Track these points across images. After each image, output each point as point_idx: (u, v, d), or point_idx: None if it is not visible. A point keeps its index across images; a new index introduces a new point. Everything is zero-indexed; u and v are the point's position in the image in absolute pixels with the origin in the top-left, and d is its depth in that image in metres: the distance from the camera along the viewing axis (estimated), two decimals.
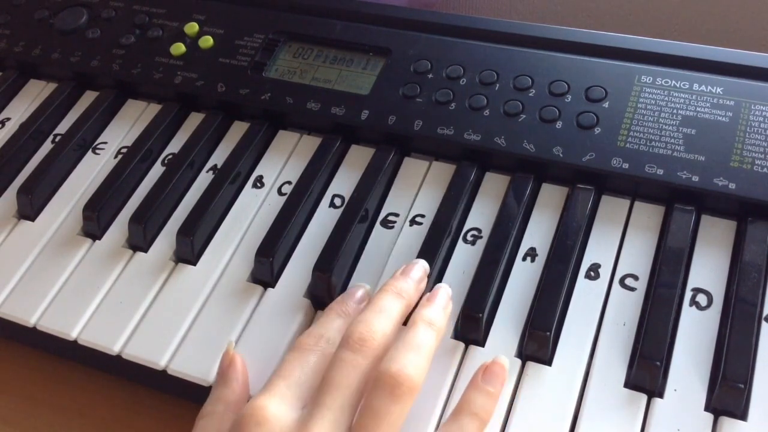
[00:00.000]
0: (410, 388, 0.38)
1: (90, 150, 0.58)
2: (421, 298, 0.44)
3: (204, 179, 0.55)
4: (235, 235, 0.51)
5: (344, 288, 0.47)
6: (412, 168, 0.53)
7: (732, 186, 0.46)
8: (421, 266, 0.45)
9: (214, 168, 0.55)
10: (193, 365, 0.45)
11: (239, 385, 0.43)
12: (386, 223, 0.50)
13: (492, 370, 0.41)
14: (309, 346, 0.41)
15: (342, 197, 0.52)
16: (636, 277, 0.45)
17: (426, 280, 0.45)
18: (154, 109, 0.60)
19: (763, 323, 0.42)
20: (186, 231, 0.50)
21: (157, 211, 0.52)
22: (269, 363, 0.44)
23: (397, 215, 0.51)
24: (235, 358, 0.44)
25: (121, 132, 0.59)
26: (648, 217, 0.48)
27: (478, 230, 0.49)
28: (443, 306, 0.43)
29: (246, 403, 0.40)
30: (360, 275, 0.48)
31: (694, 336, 0.43)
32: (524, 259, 0.47)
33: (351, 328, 0.40)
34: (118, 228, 0.53)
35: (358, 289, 0.46)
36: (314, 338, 0.42)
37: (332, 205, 0.52)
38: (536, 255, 0.47)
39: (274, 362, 0.44)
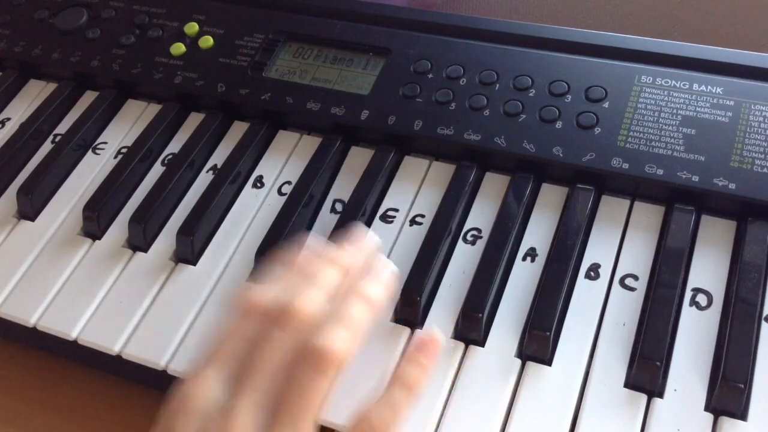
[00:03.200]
0: (336, 363, 0.37)
1: (90, 150, 0.58)
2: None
3: (204, 179, 0.55)
4: (235, 235, 0.51)
5: None
6: (412, 167, 0.53)
7: (732, 186, 0.46)
8: (370, 238, 0.43)
9: (214, 168, 0.55)
10: (194, 365, 0.45)
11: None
12: (385, 218, 0.50)
13: (425, 343, 0.41)
14: (243, 314, 0.39)
15: (342, 197, 0.52)
16: (636, 277, 0.45)
17: (376, 255, 0.43)
18: (154, 109, 0.60)
19: (763, 323, 0.42)
20: (186, 231, 0.50)
21: (157, 211, 0.52)
22: None
23: (396, 210, 0.51)
24: None
25: (121, 132, 0.59)
26: (648, 217, 0.48)
27: (478, 230, 0.49)
28: (384, 282, 0.41)
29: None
30: None
31: (694, 336, 0.43)
32: (524, 259, 0.47)
33: (277, 301, 0.38)
34: (118, 228, 0.53)
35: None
36: (251, 304, 0.39)
37: (332, 205, 0.52)
38: (536, 255, 0.47)
39: None
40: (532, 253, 0.47)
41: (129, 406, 0.50)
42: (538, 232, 0.48)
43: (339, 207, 0.52)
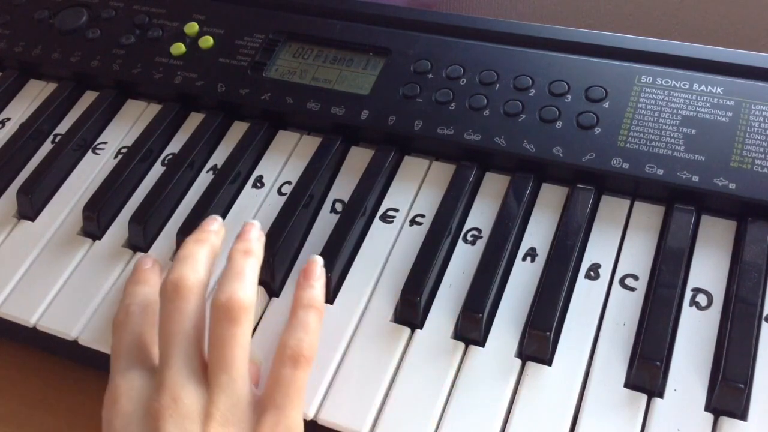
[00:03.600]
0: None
1: (90, 150, 0.58)
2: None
3: (204, 179, 0.55)
4: (235, 235, 0.51)
5: (341, 286, 0.47)
6: (412, 167, 0.53)
7: (732, 186, 0.46)
8: (216, 219, 0.47)
9: (214, 168, 0.55)
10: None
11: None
12: (385, 218, 0.50)
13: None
14: (173, 296, 0.42)
15: (342, 197, 0.52)
16: (636, 277, 0.45)
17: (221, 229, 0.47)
18: (154, 109, 0.60)
19: (763, 323, 0.42)
20: (186, 231, 0.50)
21: (157, 211, 0.52)
22: (267, 365, 0.44)
23: (396, 210, 0.51)
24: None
25: (121, 132, 0.59)
26: (648, 217, 0.48)
27: (478, 230, 0.49)
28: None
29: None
30: (358, 271, 0.48)
31: (694, 336, 0.43)
32: (524, 259, 0.47)
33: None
34: (118, 228, 0.53)
35: (211, 222, 0.47)
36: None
37: (332, 205, 0.52)
38: (536, 255, 0.47)
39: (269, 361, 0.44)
40: (532, 253, 0.47)
41: None
42: (538, 232, 0.48)
43: (339, 207, 0.52)
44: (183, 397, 0.38)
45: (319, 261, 0.46)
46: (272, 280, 0.48)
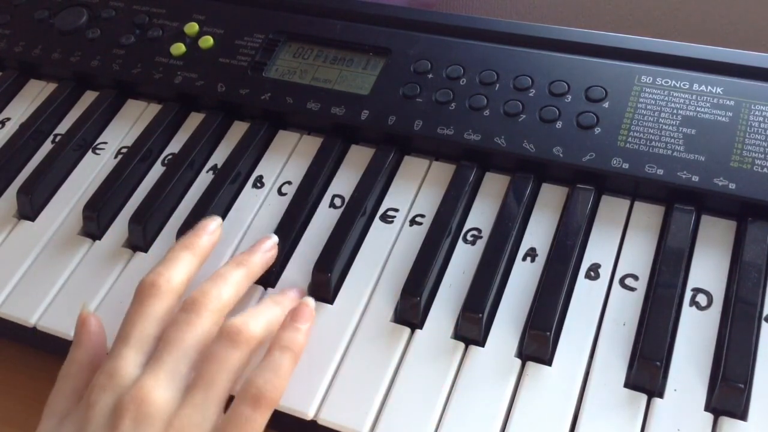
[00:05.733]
0: (249, 339, 0.41)
1: (90, 150, 0.58)
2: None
3: (204, 179, 0.55)
4: (235, 236, 0.51)
5: (341, 286, 0.48)
6: (412, 167, 0.53)
7: (732, 186, 0.46)
8: (272, 240, 0.48)
9: (214, 168, 0.55)
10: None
11: (92, 344, 0.44)
12: (385, 218, 0.50)
13: (299, 310, 0.44)
14: (149, 292, 0.43)
15: (342, 197, 0.52)
16: (636, 277, 0.45)
17: (274, 251, 0.48)
18: (154, 109, 0.60)
19: (763, 323, 0.42)
20: (186, 231, 0.50)
21: (157, 211, 0.52)
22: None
23: (396, 210, 0.51)
24: (87, 318, 0.45)
25: (121, 132, 0.59)
26: (648, 217, 0.48)
27: (478, 230, 0.49)
28: (292, 298, 0.46)
29: (101, 359, 0.43)
30: (358, 270, 0.48)
31: (694, 336, 0.43)
32: (524, 259, 0.47)
33: (191, 294, 0.43)
34: (118, 228, 0.53)
35: (209, 221, 0.48)
36: (155, 280, 0.44)
37: (332, 205, 0.52)
38: (536, 255, 0.47)
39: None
40: (532, 253, 0.47)
41: None
42: (538, 232, 0.48)
43: (338, 202, 0.52)
44: (153, 400, 0.39)
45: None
46: (267, 273, 0.48)
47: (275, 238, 0.48)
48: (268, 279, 0.48)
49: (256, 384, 0.40)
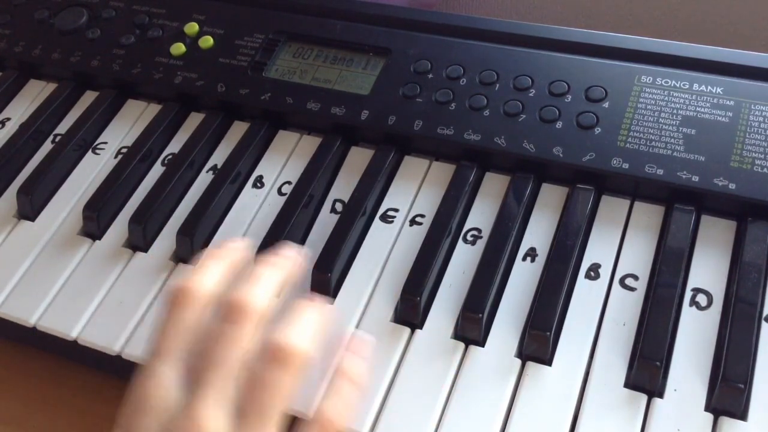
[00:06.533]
0: (301, 359, 0.37)
1: (90, 150, 0.58)
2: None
3: (204, 179, 0.55)
4: (235, 235, 0.51)
5: (341, 286, 0.48)
6: (412, 167, 0.53)
7: (732, 186, 0.46)
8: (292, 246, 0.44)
9: (214, 168, 0.55)
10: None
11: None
12: (385, 218, 0.50)
13: (360, 342, 0.41)
14: (185, 302, 0.38)
15: (341, 197, 0.52)
16: (636, 277, 0.45)
17: (304, 256, 0.43)
18: (154, 109, 0.60)
19: (763, 323, 0.42)
20: (186, 231, 0.50)
21: (157, 211, 0.52)
22: None
23: (396, 210, 0.51)
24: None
25: (121, 132, 0.59)
26: (648, 217, 0.48)
27: (478, 230, 0.49)
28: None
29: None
30: (358, 271, 0.48)
31: (694, 336, 0.43)
32: (524, 259, 0.47)
33: (226, 297, 0.38)
34: (118, 228, 0.53)
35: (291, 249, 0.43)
36: (190, 290, 0.39)
37: (332, 205, 0.52)
38: (536, 255, 0.47)
39: None
40: (532, 253, 0.47)
41: None
42: (538, 232, 0.48)
43: (339, 207, 0.52)
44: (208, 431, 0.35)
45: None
46: None
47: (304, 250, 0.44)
48: None
49: (329, 417, 0.38)
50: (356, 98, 0.54)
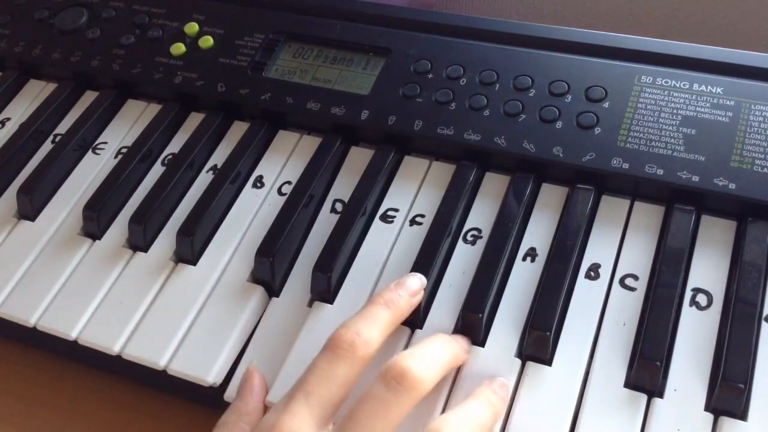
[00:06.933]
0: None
1: (90, 150, 0.58)
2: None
3: (204, 179, 0.55)
4: (235, 235, 0.51)
5: (341, 286, 0.47)
6: (412, 167, 0.53)
7: (732, 186, 0.46)
8: (417, 279, 0.44)
9: (214, 168, 0.55)
10: (193, 365, 0.45)
11: (254, 397, 0.43)
12: (385, 218, 0.50)
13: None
14: (341, 349, 0.39)
15: (341, 197, 0.52)
16: (636, 277, 0.45)
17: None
18: (154, 109, 0.60)
19: (763, 323, 0.42)
20: (186, 231, 0.50)
21: (157, 211, 0.52)
22: (270, 364, 0.45)
23: (396, 210, 0.51)
24: (252, 372, 0.44)
25: (121, 132, 0.59)
26: (648, 217, 0.48)
27: (478, 230, 0.49)
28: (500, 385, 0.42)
29: (260, 414, 0.41)
30: (358, 271, 0.48)
31: (694, 336, 0.43)
32: (524, 259, 0.47)
33: (391, 367, 0.38)
34: (118, 228, 0.53)
35: (410, 277, 0.44)
36: (348, 337, 0.40)
37: (332, 205, 0.52)
38: (536, 255, 0.47)
39: (274, 362, 0.45)
40: (532, 253, 0.47)
41: (129, 405, 0.50)
42: (538, 232, 0.48)
43: (339, 207, 0.52)
44: None
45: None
46: (272, 281, 0.48)
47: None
48: (269, 281, 0.48)
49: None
50: (356, 98, 0.54)
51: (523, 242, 0.48)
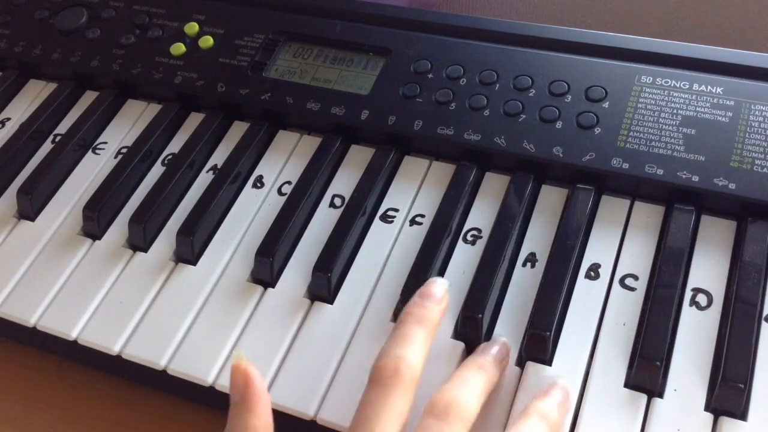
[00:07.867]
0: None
1: (90, 150, 0.58)
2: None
3: (204, 179, 0.55)
4: (235, 235, 0.51)
5: (341, 286, 0.48)
6: (412, 167, 0.53)
7: (732, 186, 0.46)
8: (440, 284, 0.44)
9: (214, 168, 0.55)
10: (193, 365, 0.45)
11: (264, 407, 0.39)
12: (385, 218, 0.50)
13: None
14: (388, 378, 0.39)
15: (342, 197, 0.52)
16: (636, 277, 0.45)
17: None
18: (154, 109, 0.60)
19: (763, 323, 0.42)
20: (186, 231, 0.50)
21: (157, 211, 0.52)
22: (269, 364, 0.45)
23: (396, 210, 0.51)
24: (250, 375, 0.39)
25: (121, 132, 0.59)
26: (648, 217, 0.48)
27: (478, 230, 0.49)
28: (558, 401, 0.41)
29: (271, 425, 0.39)
30: (358, 271, 0.48)
31: (694, 336, 0.43)
32: (524, 261, 0.47)
33: (440, 399, 0.39)
34: (118, 228, 0.53)
35: (432, 285, 0.43)
36: (392, 364, 0.39)
37: (332, 204, 0.52)
38: (536, 255, 0.47)
39: (274, 363, 0.45)
40: (531, 254, 0.47)
41: (129, 406, 0.50)
42: (538, 232, 0.48)
43: (338, 202, 0.52)
44: None
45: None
46: (271, 278, 0.48)
47: (507, 344, 0.44)
48: (270, 281, 0.48)
49: None
50: (356, 98, 0.54)
51: (523, 242, 0.48)
